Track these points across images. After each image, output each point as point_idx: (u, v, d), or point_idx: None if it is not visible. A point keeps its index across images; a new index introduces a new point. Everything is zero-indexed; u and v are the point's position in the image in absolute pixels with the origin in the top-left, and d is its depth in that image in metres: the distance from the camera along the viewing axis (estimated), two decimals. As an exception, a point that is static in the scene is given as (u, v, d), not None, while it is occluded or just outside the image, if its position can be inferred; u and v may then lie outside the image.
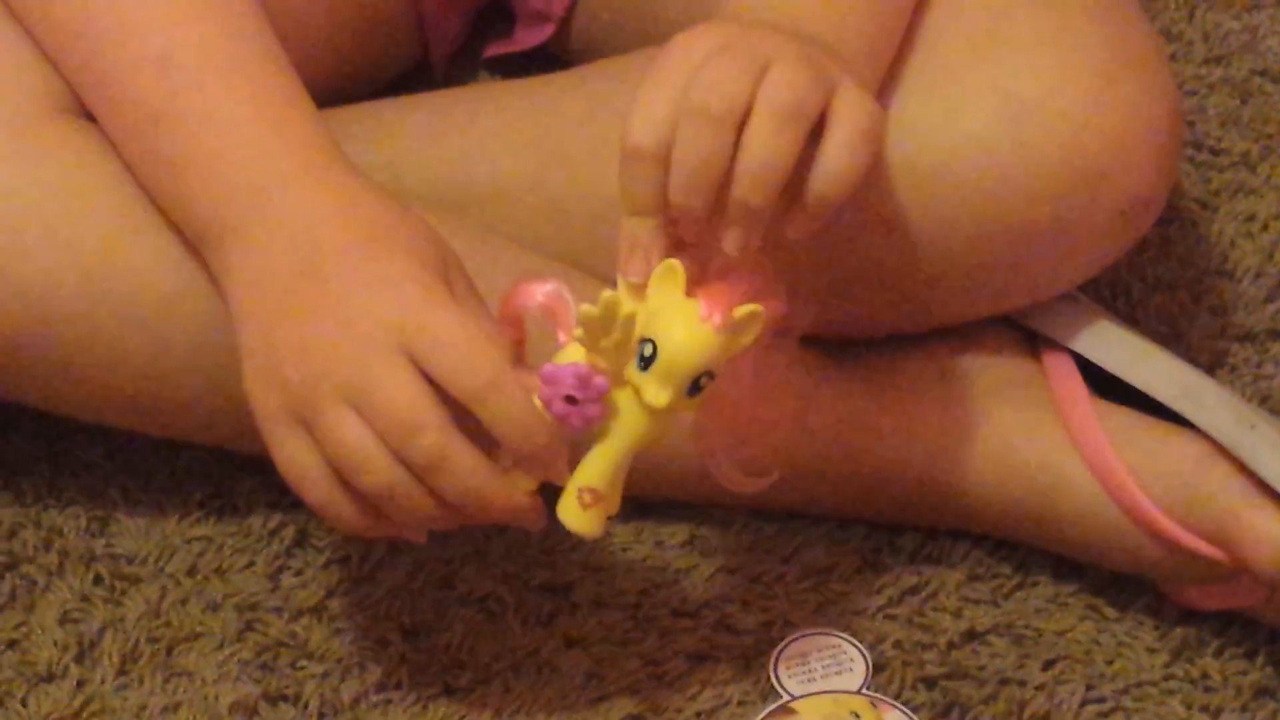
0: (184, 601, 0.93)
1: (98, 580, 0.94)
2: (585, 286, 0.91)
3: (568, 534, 0.90)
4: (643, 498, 0.95)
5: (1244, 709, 0.89)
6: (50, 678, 0.90)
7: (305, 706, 0.90)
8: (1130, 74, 0.92)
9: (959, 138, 0.90)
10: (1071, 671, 0.91)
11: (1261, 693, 0.90)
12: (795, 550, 0.95)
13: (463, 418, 0.80)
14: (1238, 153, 1.13)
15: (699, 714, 0.89)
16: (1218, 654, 0.91)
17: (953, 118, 0.90)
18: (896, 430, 0.95)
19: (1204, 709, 0.89)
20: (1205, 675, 0.90)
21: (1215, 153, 1.12)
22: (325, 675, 0.91)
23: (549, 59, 1.08)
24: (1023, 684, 0.90)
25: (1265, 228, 1.10)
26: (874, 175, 0.88)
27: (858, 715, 0.88)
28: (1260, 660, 0.91)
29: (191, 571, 0.95)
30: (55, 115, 0.92)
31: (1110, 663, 0.91)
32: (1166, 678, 0.90)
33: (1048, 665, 0.91)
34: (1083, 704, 0.89)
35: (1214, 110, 1.14)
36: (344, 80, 1.05)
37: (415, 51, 1.11)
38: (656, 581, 0.94)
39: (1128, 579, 0.93)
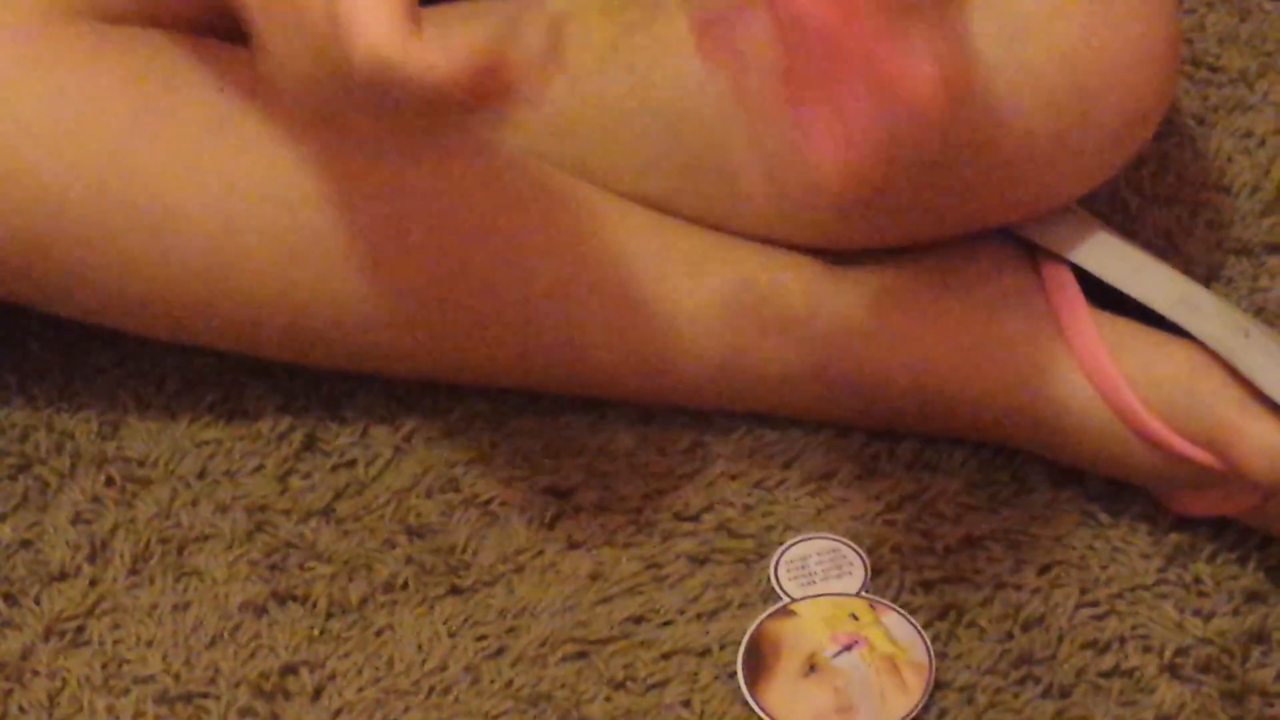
0: (194, 503, 0.93)
1: (109, 482, 0.94)
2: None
3: (573, 439, 0.94)
4: (647, 405, 0.96)
5: (1235, 612, 0.89)
6: (63, 576, 0.90)
7: (314, 606, 0.90)
8: (1129, 4, 0.92)
9: (979, 52, 0.89)
10: (1066, 576, 0.91)
11: (1252, 596, 0.90)
12: (796, 456, 0.95)
13: None
14: (1235, 70, 1.13)
15: (700, 615, 0.89)
16: (1210, 559, 0.91)
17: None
18: (898, 338, 0.94)
19: (1196, 612, 0.89)
20: (1198, 580, 0.91)
21: (1213, 69, 1.12)
22: (333, 576, 0.91)
23: None
24: (1019, 588, 0.90)
25: (1262, 143, 1.10)
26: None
27: (856, 616, 0.88)
28: (1252, 565, 0.91)
29: (201, 474, 0.94)
30: (68, 18, 0.91)
31: (1105, 568, 0.91)
32: (1159, 582, 0.91)
33: (1043, 570, 0.91)
34: (1077, 607, 0.90)
35: (1212, 28, 1.13)
36: None
37: None
38: (659, 487, 0.94)
39: (1123, 486, 0.93)
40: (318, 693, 0.88)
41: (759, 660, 0.88)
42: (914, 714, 0.86)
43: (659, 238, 0.95)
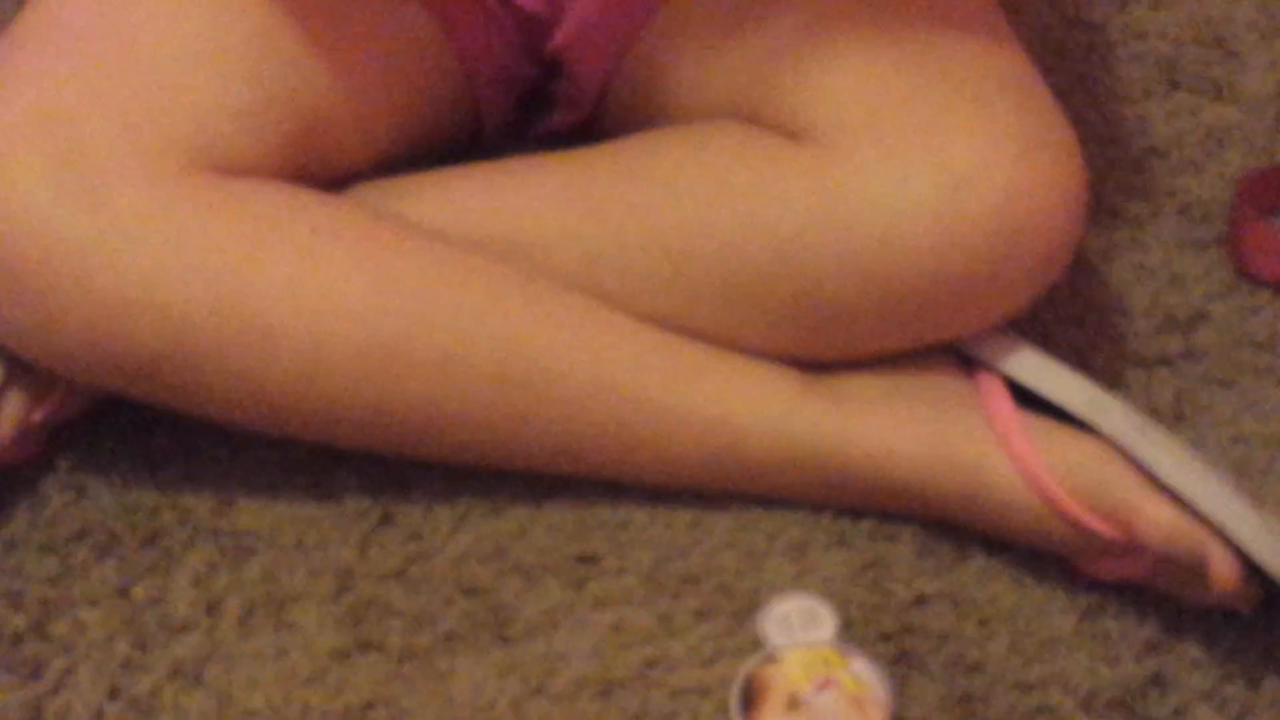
0: (291, 568, 0.94)
1: (223, 551, 0.95)
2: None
3: (597, 515, 0.95)
4: (657, 486, 0.97)
5: (1137, 660, 0.91)
6: (185, 628, 0.92)
7: (389, 652, 0.91)
8: (1046, 153, 0.93)
9: (910, 205, 0.90)
10: (999, 628, 0.92)
11: (1152, 647, 0.92)
12: (778, 530, 0.96)
13: None
14: (1132, 215, 1.12)
15: (702, 661, 0.91)
16: (1116, 615, 0.93)
17: (905, 188, 0.91)
18: (862, 435, 0.94)
19: (1104, 660, 0.91)
20: (1106, 633, 0.92)
21: (1113, 215, 1.12)
22: (405, 628, 0.92)
23: (585, 134, 1.07)
24: (960, 638, 0.92)
25: (1153, 275, 1.09)
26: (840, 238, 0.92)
27: (828, 662, 0.89)
28: (1150, 621, 0.92)
29: (298, 544, 0.95)
30: (191, 171, 0.91)
31: (1030, 622, 0.93)
32: (1075, 634, 0.92)
33: (981, 624, 0.92)
34: (1008, 655, 0.91)
35: (1113, 181, 1.14)
36: (413, 149, 1.04)
37: (471, 126, 1.09)
38: (668, 554, 0.95)
39: (1045, 555, 0.94)
40: (393, 724, 0.89)
41: (750, 698, 0.88)
42: None
43: (666, 351, 0.96)
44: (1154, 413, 0.96)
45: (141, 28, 0.95)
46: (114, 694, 0.90)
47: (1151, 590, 0.93)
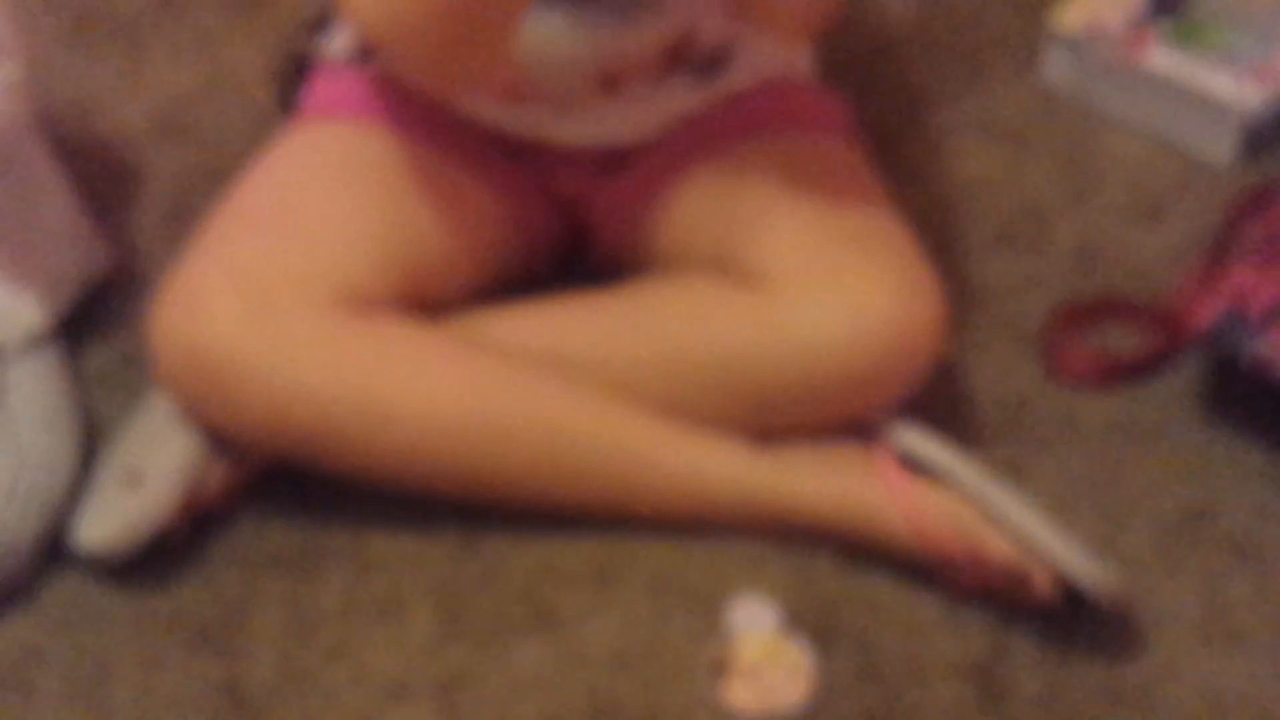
0: (405, 579, 0.93)
1: (357, 567, 0.93)
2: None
3: (625, 545, 0.93)
4: (654, 521, 0.94)
5: (984, 637, 0.90)
6: (332, 621, 0.91)
7: (472, 637, 0.90)
8: (917, 291, 0.92)
9: (824, 329, 0.90)
10: (890, 618, 0.92)
11: (994, 629, 0.91)
12: (738, 552, 0.95)
13: None
14: (973, 334, 1.08)
15: (688, 641, 0.90)
16: (970, 609, 0.92)
17: (821, 318, 0.91)
18: (793, 490, 0.93)
19: (962, 638, 0.91)
20: (963, 621, 0.91)
21: (961, 333, 1.06)
22: (482, 620, 0.91)
23: (607, 271, 1.04)
24: (863, 625, 0.91)
25: (991, 374, 1.06)
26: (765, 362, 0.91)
27: (773, 643, 0.89)
28: (992, 613, 0.91)
29: (410, 562, 0.93)
30: (339, 308, 0.91)
31: (911, 613, 0.92)
32: (942, 621, 0.92)
33: (877, 615, 0.92)
34: (896, 635, 0.91)
35: (959, 309, 1.05)
36: (487, 286, 1.02)
37: (530, 268, 1.06)
38: (663, 569, 0.94)
39: (919, 569, 0.92)
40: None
41: (719, 668, 0.88)
42: (804, 700, 0.87)
43: (660, 429, 0.94)
44: (993, 470, 0.95)
45: (305, 210, 0.96)
46: (283, 668, 0.90)
47: (993, 594, 0.92)
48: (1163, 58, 1.24)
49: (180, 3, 1.38)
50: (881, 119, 1.23)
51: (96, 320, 1.07)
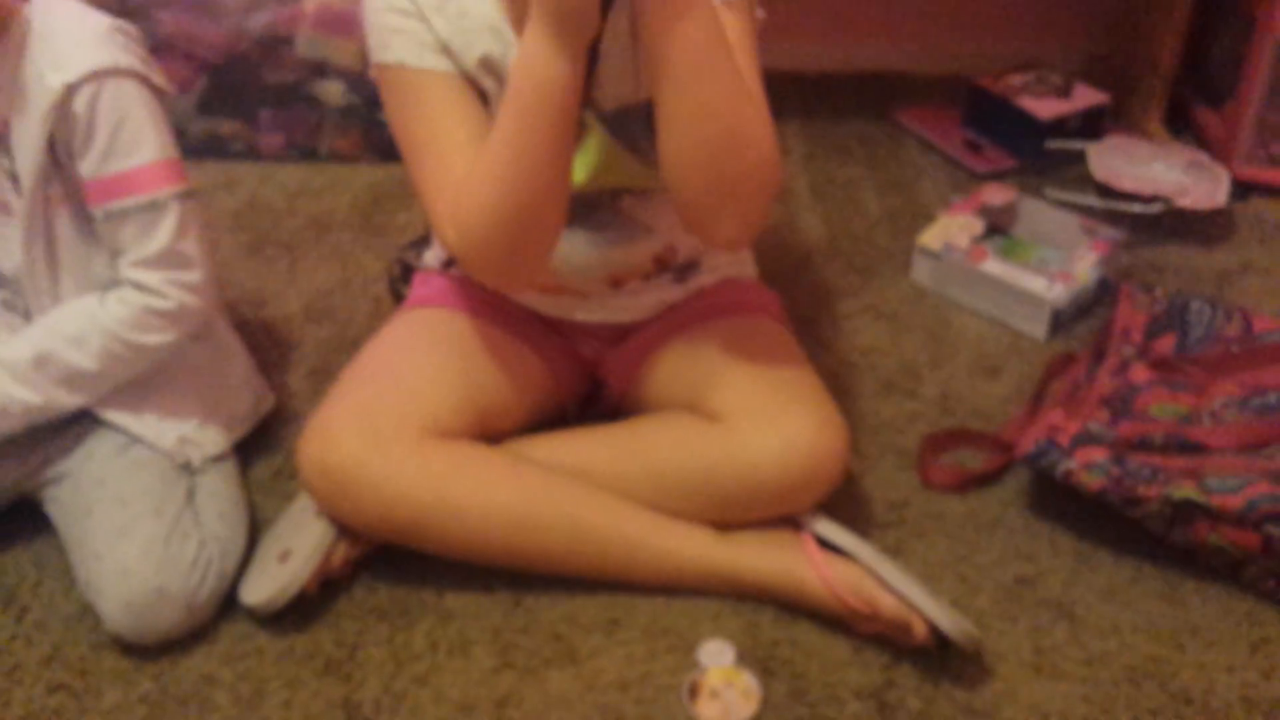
0: (471, 627, 0.90)
1: (438, 617, 0.91)
2: None
3: (618, 599, 0.89)
4: (645, 586, 0.91)
5: (881, 670, 0.87)
6: (419, 658, 0.88)
7: (518, 668, 0.87)
8: (830, 428, 0.90)
9: (767, 454, 0.89)
10: (813, 656, 0.89)
11: (887, 665, 0.88)
12: (706, 606, 0.93)
13: None
14: (868, 457, 1.06)
15: (668, 673, 0.87)
16: (870, 648, 0.89)
17: (764, 446, 0.89)
18: (745, 563, 0.91)
19: (864, 670, 0.87)
20: (865, 657, 0.89)
21: (859, 456, 1.05)
22: (526, 656, 0.88)
23: (614, 410, 1.03)
24: (795, 661, 0.89)
25: (880, 484, 1.03)
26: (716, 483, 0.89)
27: (731, 673, 0.87)
28: (888, 650, 0.89)
29: (473, 615, 0.91)
30: (428, 436, 0.89)
31: (828, 651, 0.90)
32: (852, 657, 0.89)
33: (806, 654, 0.90)
34: (819, 669, 0.88)
35: (857, 440, 1.07)
36: (532, 422, 0.99)
37: (561, 409, 1.04)
38: (653, 619, 0.92)
39: (835, 621, 0.90)
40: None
41: (692, 692, 0.87)
42: (753, 715, 0.85)
43: (650, 520, 0.92)
44: (885, 551, 0.94)
45: (406, 369, 0.96)
46: (385, 691, 0.88)
47: (885, 638, 0.90)
48: (995, 265, 1.27)
49: (325, 227, 1.42)
50: (802, 306, 1.25)
51: (261, 444, 1.07)
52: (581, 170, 0.85)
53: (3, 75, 0.83)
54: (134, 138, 0.85)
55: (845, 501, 1.00)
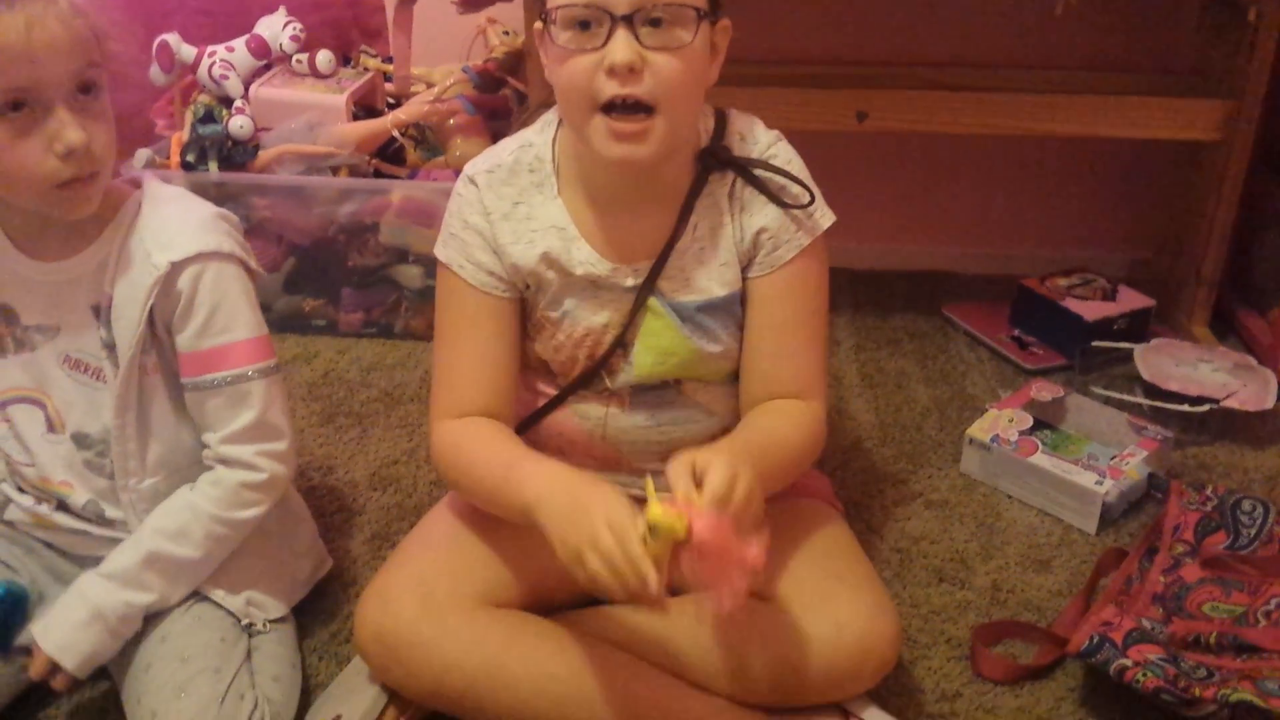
0: None
1: None
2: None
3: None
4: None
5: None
6: None
7: None
8: (881, 613, 0.90)
9: (820, 636, 0.89)
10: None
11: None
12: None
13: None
14: (919, 647, 1.06)
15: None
16: None
17: (818, 629, 0.89)
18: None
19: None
20: None
21: (911, 645, 1.06)
22: None
23: None
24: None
25: (932, 673, 1.02)
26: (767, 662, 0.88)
27: None
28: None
29: None
30: (479, 606, 0.90)
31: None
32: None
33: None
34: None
35: (909, 626, 1.08)
36: (580, 596, 0.91)
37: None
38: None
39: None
40: None
41: None
42: None
43: (703, 700, 0.90)
44: None
45: (462, 537, 0.97)
46: None
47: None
48: (1044, 459, 1.27)
49: (395, 400, 1.46)
50: (852, 492, 1.26)
51: (318, 606, 1.07)
52: (647, 357, 0.89)
53: (110, 253, 0.88)
54: (230, 316, 0.90)
55: (896, 690, 0.99)
